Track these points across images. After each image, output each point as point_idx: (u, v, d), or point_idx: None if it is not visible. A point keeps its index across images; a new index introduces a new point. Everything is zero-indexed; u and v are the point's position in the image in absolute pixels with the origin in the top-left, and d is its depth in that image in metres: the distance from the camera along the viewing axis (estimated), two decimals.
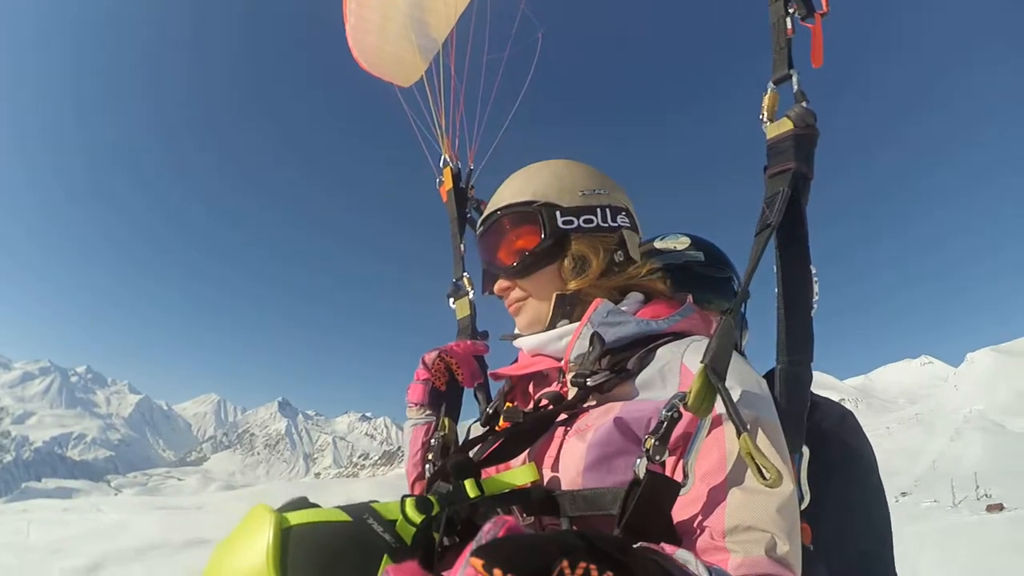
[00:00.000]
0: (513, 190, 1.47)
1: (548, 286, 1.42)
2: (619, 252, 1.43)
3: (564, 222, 1.40)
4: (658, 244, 1.95)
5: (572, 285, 1.40)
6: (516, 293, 1.45)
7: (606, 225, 1.42)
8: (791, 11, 1.45)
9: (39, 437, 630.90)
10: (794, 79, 1.43)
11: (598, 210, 1.42)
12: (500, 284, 1.45)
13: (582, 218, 1.41)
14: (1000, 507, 42.23)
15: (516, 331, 1.53)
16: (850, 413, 1.69)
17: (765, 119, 1.44)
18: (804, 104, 1.40)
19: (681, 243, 1.94)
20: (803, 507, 1.27)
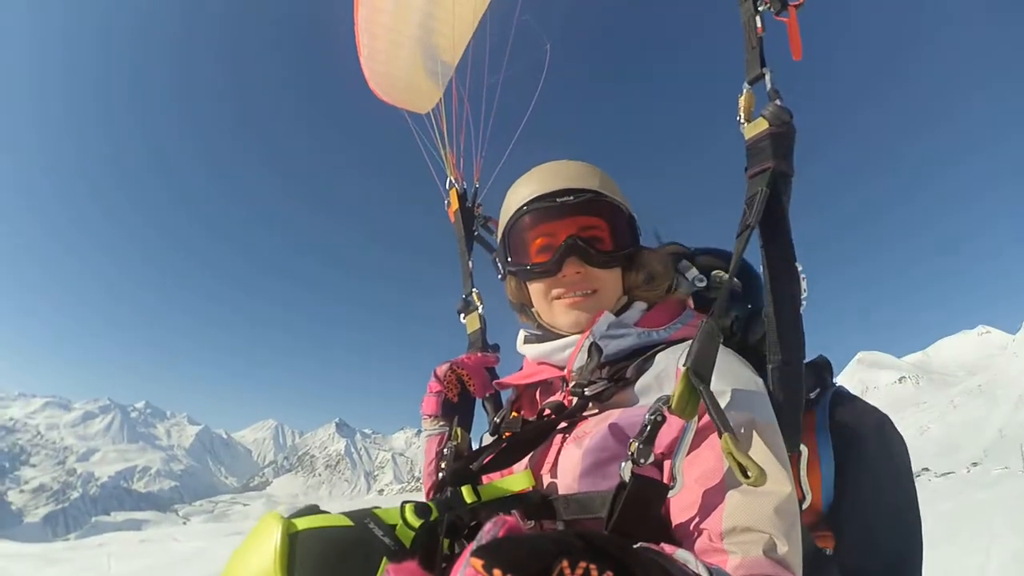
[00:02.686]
0: (602, 183, 1.47)
1: (618, 289, 1.47)
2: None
3: (637, 237, 1.50)
4: None
5: (641, 295, 1.46)
6: (588, 283, 1.43)
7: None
8: (762, 8, 1.43)
9: (104, 472, 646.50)
10: (767, 78, 1.41)
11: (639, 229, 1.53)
12: (575, 267, 1.41)
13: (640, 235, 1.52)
14: None
15: (527, 333, 1.57)
16: (888, 420, 1.63)
17: (742, 120, 1.43)
18: (778, 102, 1.39)
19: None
20: (804, 507, 1.25)
